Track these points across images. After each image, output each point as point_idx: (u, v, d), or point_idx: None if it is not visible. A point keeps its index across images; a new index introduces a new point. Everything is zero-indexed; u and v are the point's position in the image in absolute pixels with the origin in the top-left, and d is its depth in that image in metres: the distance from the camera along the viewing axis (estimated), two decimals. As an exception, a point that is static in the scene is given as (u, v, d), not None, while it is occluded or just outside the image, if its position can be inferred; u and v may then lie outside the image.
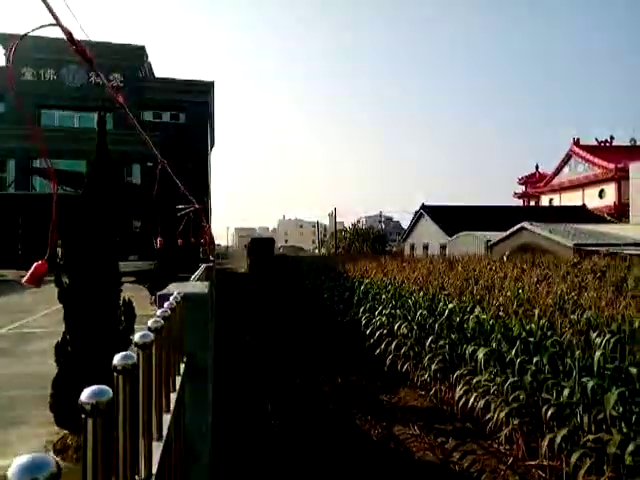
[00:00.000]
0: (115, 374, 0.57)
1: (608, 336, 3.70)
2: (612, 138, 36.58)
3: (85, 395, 0.49)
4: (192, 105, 33.73)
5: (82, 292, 3.16)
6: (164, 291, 1.68)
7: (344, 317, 10.14)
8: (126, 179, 30.19)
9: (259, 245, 33.24)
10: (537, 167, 43.07)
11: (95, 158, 3.46)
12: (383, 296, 8.39)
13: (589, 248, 11.82)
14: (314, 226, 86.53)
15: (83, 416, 0.49)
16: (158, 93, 33.23)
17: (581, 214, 28.07)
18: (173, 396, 1.26)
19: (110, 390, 0.50)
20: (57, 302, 10.21)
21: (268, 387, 6.93)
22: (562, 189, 36.95)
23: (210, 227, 29.13)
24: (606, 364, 3.59)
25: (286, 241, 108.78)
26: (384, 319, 7.93)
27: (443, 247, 23.89)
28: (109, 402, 0.49)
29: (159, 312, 1.00)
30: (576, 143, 35.65)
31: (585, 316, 4.25)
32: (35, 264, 1.59)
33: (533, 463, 4.38)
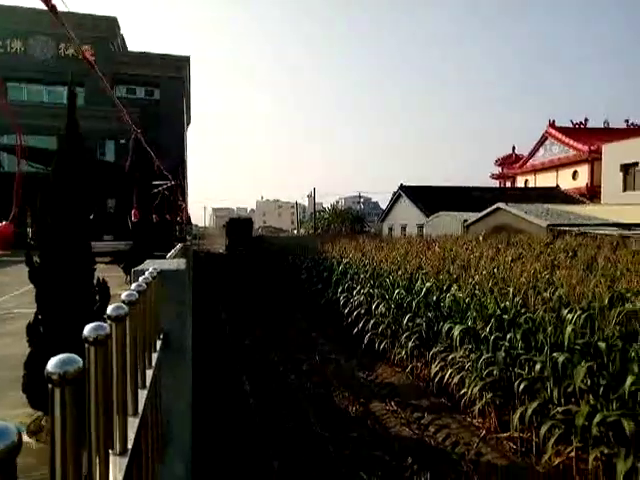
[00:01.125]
0: (86, 345, 0.54)
1: (579, 312, 3.81)
2: (586, 120, 37.18)
3: (52, 364, 0.46)
4: (167, 81, 32.80)
5: (54, 272, 3.07)
6: (139, 267, 1.64)
7: (322, 297, 10.20)
8: (99, 156, 29.34)
9: (237, 225, 32.83)
10: (514, 148, 43.60)
11: (65, 134, 3.32)
12: (361, 275, 8.45)
13: (562, 228, 12.10)
14: (293, 207, 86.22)
15: (50, 386, 0.46)
16: (132, 68, 32.16)
17: (555, 195, 28.66)
18: (149, 372, 1.23)
19: (80, 359, 0.47)
20: (28, 283, 9.93)
21: (245, 367, 6.95)
22: (537, 170, 37.58)
23: (186, 205, 28.69)
24: (576, 339, 3.70)
25: (264, 222, 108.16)
26: (362, 298, 8.01)
27: (421, 227, 24.13)
28: (78, 371, 0.46)
29: (134, 286, 0.97)
30: (552, 125, 36.14)
31: (557, 294, 4.36)
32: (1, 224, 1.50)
33: (505, 435, 4.53)
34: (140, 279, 1.10)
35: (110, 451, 0.78)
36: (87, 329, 0.53)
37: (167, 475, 1.65)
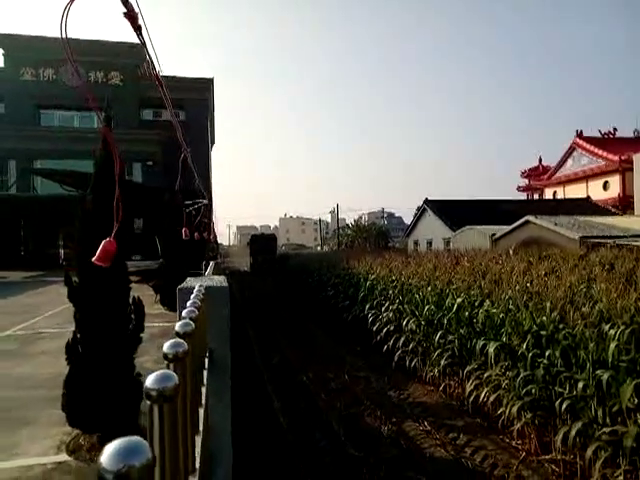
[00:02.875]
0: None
1: (622, 327, 3.65)
2: (615, 130, 36.36)
3: (151, 380, 0.45)
4: (192, 102, 33.60)
5: (92, 291, 3.12)
6: (183, 285, 1.64)
7: (349, 313, 10.09)
8: (127, 177, 30.15)
9: (260, 242, 32.34)
10: (540, 160, 42.87)
11: (102, 157, 3.41)
12: (390, 292, 8.34)
13: (595, 240, 11.74)
14: (316, 223, 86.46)
15: (148, 402, 0.44)
16: (157, 91, 33.11)
17: (586, 206, 27.90)
18: (203, 390, 1.22)
19: (175, 376, 0.45)
20: (61, 303, 10.16)
21: (275, 386, 6.91)
22: (566, 182, 36.75)
23: (214, 224, 29.06)
24: (620, 356, 3.54)
25: (288, 239, 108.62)
26: (391, 315, 7.89)
27: (447, 242, 23.81)
28: (175, 388, 0.45)
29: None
30: (579, 135, 35.43)
31: (597, 308, 4.20)
32: (103, 242, 1.55)
33: (546, 457, 4.34)
34: (188, 303, 1.10)
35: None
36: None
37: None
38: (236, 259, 55.29)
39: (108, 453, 0.30)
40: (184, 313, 0.93)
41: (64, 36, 1.76)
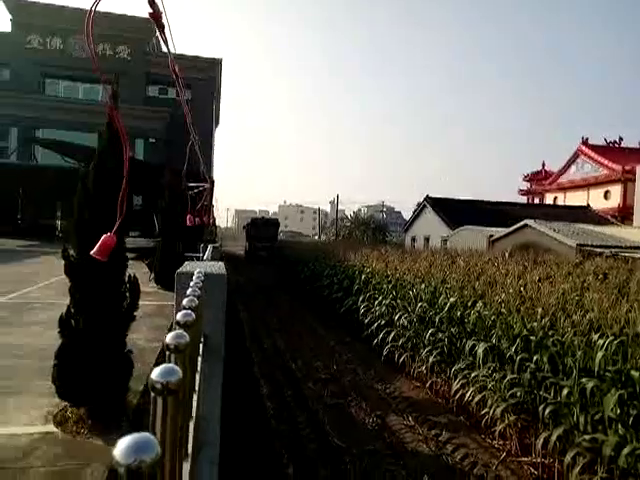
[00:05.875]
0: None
1: (611, 338, 3.69)
2: (621, 139, 36.34)
3: (156, 373, 0.47)
4: (199, 82, 33.32)
5: (89, 266, 3.13)
6: (182, 269, 1.65)
7: (342, 305, 10.15)
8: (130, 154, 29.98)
9: (261, 227, 29.26)
10: (543, 165, 42.85)
11: (107, 133, 3.40)
12: (384, 286, 8.38)
13: (592, 249, 11.79)
14: (315, 212, 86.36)
15: (153, 394, 0.46)
16: (164, 68, 32.76)
17: (585, 214, 27.98)
18: (197, 376, 1.24)
19: (180, 370, 0.47)
20: (54, 275, 10.18)
21: (264, 372, 6.96)
22: (567, 188, 36.79)
23: (214, 207, 28.78)
24: (607, 366, 3.58)
25: (286, 226, 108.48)
26: (384, 309, 7.94)
27: (445, 240, 23.86)
28: (179, 382, 0.47)
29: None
30: (584, 142, 35.39)
31: (588, 317, 4.24)
32: (104, 237, 1.55)
33: (526, 459, 4.41)
34: (189, 291, 1.11)
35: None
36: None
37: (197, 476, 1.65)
38: (232, 243, 55.29)
39: (121, 448, 0.33)
40: (185, 302, 0.94)
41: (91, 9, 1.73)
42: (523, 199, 43.44)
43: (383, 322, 7.77)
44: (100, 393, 3.18)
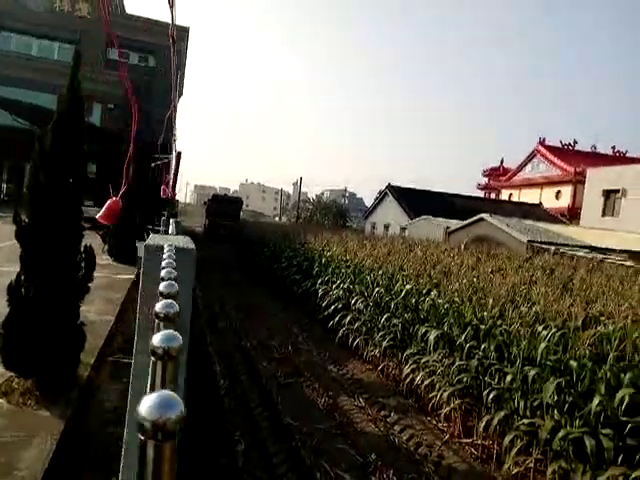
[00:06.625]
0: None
1: (554, 330, 3.91)
2: (575, 142, 37.96)
3: (157, 339, 0.46)
4: (163, 49, 32.01)
5: (42, 233, 2.98)
6: (150, 242, 1.61)
7: (300, 287, 10.21)
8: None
9: (222, 203, 28.39)
10: (502, 161, 44.25)
11: (68, 94, 3.22)
12: (342, 270, 8.49)
13: (541, 245, 12.37)
14: (277, 192, 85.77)
15: (153, 359, 0.46)
16: (127, 31, 31.23)
17: (537, 212, 29.23)
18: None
19: (180, 337, 0.47)
20: (4, 240, 9.63)
21: (218, 349, 6.94)
22: (522, 186, 38.23)
23: (174, 180, 27.90)
24: (549, 355, 3.80)
25: (247, 205, 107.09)
26: (341, 293, 8.05)
27: (403, 229, 24.34)
28: (180, 349, 0.47)
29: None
30: (541, 143, 36.78)
31: (534, 309, 4.47)
32: (109, 201, 1.48)
33: (467, 441, 4.64)
34: (164, 263, 1.08)
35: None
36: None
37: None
38: (190, 219, 54.10)
39: (147, 405, 0.32)
40: (163, 273, 0.92)
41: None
42: (481, 193, 44.80)
43: (340, 305, 7.89)
44: (50, 365, 3.07)
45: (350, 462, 4.14)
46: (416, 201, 26.72)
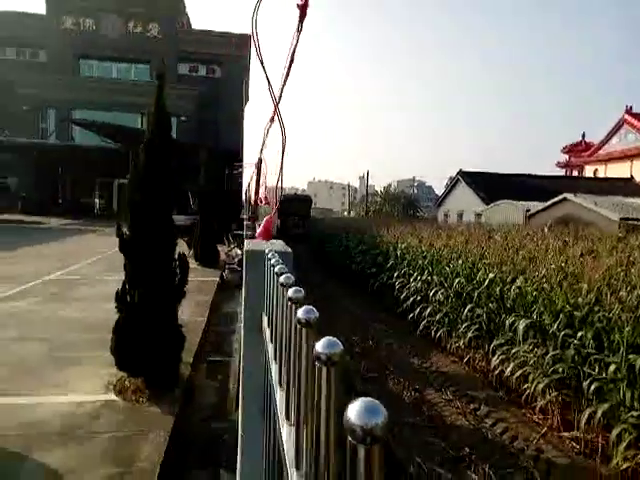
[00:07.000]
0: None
1: (662, 314, 3.60)
2: (669, 107, 34.30)
3: (320, 346, 0.52)
4: (229, 59, 33.20)
5: (142, 244, 3.27)
6: (251, 247, 1.71)
7: (376, 280, 10.17)
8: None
9: (294, 203, 28.12)
10: (583, 135, 41.03)
11: (155, 113, 3.48)
12: (419, 262, 8.35)
13: (636, 222, 11.35)
14: (344, 188, 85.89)
15: (317, 364, 0.51)
16: (195, 45, 32.79)
17: (628, 187, 26.81)
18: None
19: (340, 344, 0.52)
20: (97, 252, 10.57)
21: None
22: (609, 160, 35.20)
23: (257, 186, 28.69)
24: (657, 343, 3.51)
25: (315, 203, 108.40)
26: (419, 285, 7.92)
27: (478, 215, 23.38)
28: (341, 354, 0.52)
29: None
30: (628, 111, 33.60)
31: (636, 293, 4.13)
32: (265, 219, 1.68)
33: (567, 435, 4.40)
34: (277, 269, 1.15)
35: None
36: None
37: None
38: (262, 220, 55.63)
39: (355, 411, 0.36)
40: (282, 279, 0.98)
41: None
42: (562, 172, 41.92)
43: (419, 298, 7.77)
44: (155, 364, 3.36)
45: (443, 456, 4.09)
46: (490, 185, 25.55)
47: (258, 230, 1.70)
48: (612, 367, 3.76)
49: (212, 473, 2.98)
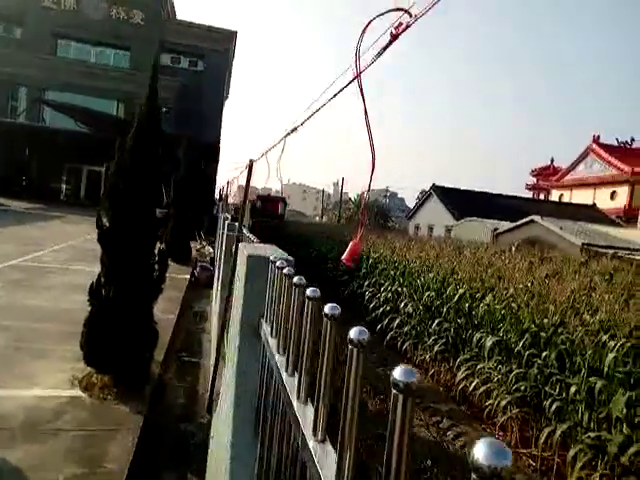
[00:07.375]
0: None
1: (623, 340, 3.76)
2: (632, 140, 36.02)
3: (398, 373, 0.52)
4: (212, 53, 32.81)
5: (121, 237, 3.17)
6: (252, 252, 1.70)
7: (347, 288, 10.22)
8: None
9: (267, 204, 28.11)
10: (552, 160, 42.59)
11: (147, 104, 3.40)
12: (391, 272, 8.44)
13: (597, 249, 11.84)
14: (318, 192, 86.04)
15: (394, 392, 0.52)
16: (178, 37, 32.25)
17: (591, 213, 27.93)
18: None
19: (417, 373, 0.53)
20: (64, 239, 10.21)
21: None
22: (574, 185, 36.61)
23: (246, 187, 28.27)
24: (617, 367, 3.66)
25: (289, 205, 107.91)
26: (389, 295, 8.00)
27: (449, 230, 23.88)
28: (417, 384, 0.52)
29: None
30: (595, 141, 35.09)
31: (598, 317, 4.30)
32: (352, 243, 1.66)
33: (525, 451, 4.54)
34: (296, 279, 1.17)
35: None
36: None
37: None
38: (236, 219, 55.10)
39: (483, 451, 0.37)
40: (309, 292, 1.01)
41: None
42: (529, 194, 43.32)
43: (388, 308, 7.85)
44: (127, 361, 3.27)
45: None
46: (461, 201, 26.15)
47: (345, 254, 1.71)
48: (573, 388, 3.91)
49: (182, 476, 2.91)
